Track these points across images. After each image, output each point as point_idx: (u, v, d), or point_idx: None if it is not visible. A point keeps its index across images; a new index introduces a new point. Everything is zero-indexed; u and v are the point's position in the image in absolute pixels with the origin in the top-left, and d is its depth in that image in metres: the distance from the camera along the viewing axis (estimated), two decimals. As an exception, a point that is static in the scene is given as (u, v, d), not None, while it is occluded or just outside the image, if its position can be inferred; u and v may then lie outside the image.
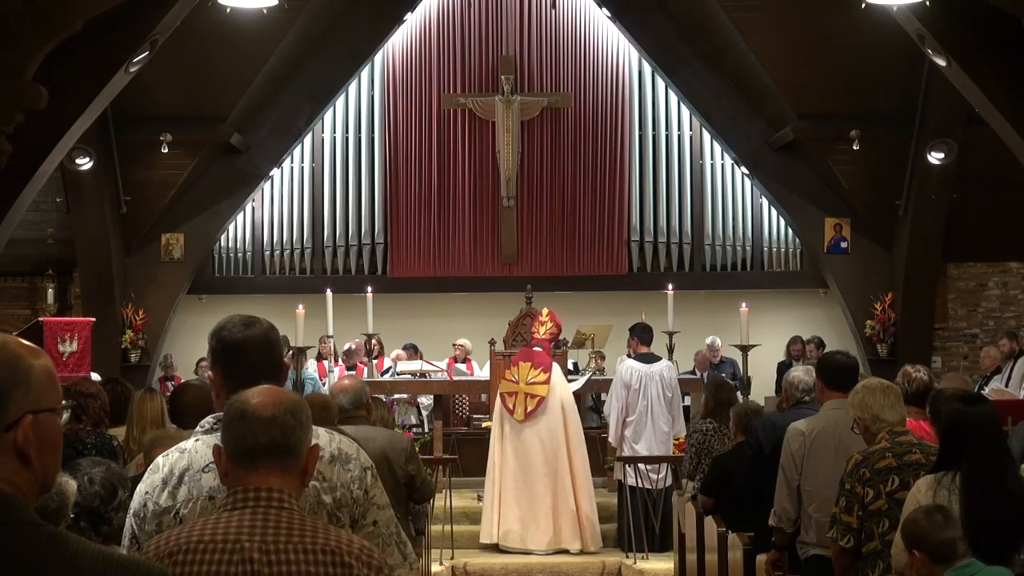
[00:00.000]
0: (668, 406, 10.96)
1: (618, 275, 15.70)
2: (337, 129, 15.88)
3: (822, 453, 5.84)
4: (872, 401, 5.24)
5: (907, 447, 5.14)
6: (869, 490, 5.04)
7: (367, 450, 3.58)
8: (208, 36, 12.92)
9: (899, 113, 14.32)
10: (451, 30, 15.67)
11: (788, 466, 5.93)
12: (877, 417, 5.21)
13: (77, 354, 10.29)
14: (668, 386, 10.98)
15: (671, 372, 11.18)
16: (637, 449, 10.91)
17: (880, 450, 5.13)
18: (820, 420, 5.95)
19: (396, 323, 14.89)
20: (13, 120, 9.36)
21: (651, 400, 10.91)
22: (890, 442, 5.14)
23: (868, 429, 5.23)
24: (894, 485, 5.02)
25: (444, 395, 12.89)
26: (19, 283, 16.06)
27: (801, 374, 6.83)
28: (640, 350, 11.17)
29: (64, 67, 10.31)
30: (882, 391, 5.27)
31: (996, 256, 15.59)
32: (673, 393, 11.03)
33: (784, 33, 13.86)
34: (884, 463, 5.08)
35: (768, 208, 15.73)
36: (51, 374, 2.22)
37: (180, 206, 14.99)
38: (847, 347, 15.45)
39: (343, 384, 6.50)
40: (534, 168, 15.70)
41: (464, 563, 10.43)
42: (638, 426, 10.92)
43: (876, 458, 5.11)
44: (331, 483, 3.11)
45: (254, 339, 3.18)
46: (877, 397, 5.24)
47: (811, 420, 6.02)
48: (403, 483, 6.39)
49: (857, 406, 5.28)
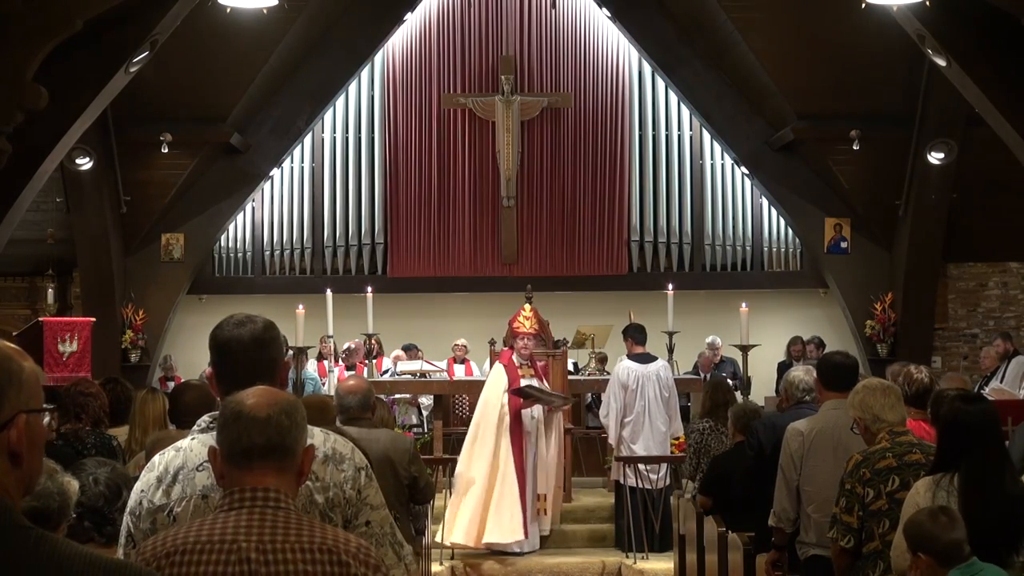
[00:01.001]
0: (665, 406, 10.95)
1: (618, 275, 15.71)
2: (337, 129, 15.89)
3: (821, 453, 5.83)
4: (872, 401, 5.23)
5: (907, 447, 5.13)
6: (869, 490, 5.03)
7: (370, 451, 3.56)
8: (208, 36, 12.92)
9: (899, 113, 14.32)
10: (451, 30, 15.68)
11: (787, 466, 5.93)
12: (877, 417, 5.20)
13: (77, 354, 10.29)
14: (665, 386, 10.97)
15: (668, 372, 11.16)
16: (635, 449, 10.90)
17: (880, 450, 5.12)
18: (819, 420, 5.94)
19: (396, 323, 14.89)
20: (13, 120, 9.37)
21: (648, 400, 10.90)
22: (890, 442, 5.13)
23: (868, 429, 5.22)
24: (894, 485, 5.02)
25: (444, 395, 12.88)
26: (19, 283, 16.06)
27: (801, 374, 6.84)
28: (635, 350, 11.16)
29: (64, 67, 10.31)
30: (882, 391, 5.25)
31: (996, 256, 15.59)
32: (670, 393, 11.02)
33: (784, 33, 13.86)
34: (884, 463, 5.08)
35: (768, 208, 15.74)
36: (38, 375, 2.22)
37: (180, 206, 14.99)
38: (847, 347, 15.44)
39: (350, 385, 6.44)
40: (534, 168, 15.70)
41: (464, 563, 10.43)
42: (636, 426, 10.91)
43: (876, 458, 5.10)
44: (324, 483, 3.11)
45: (241, 338, 3.19)
46: (877, 397, 5.23)
47: (810, 420, 6.01)
48: (406, 484, 6.39)
49: (857, 406, 5.27)
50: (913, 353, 14.86)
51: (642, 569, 10.28)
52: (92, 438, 6.26)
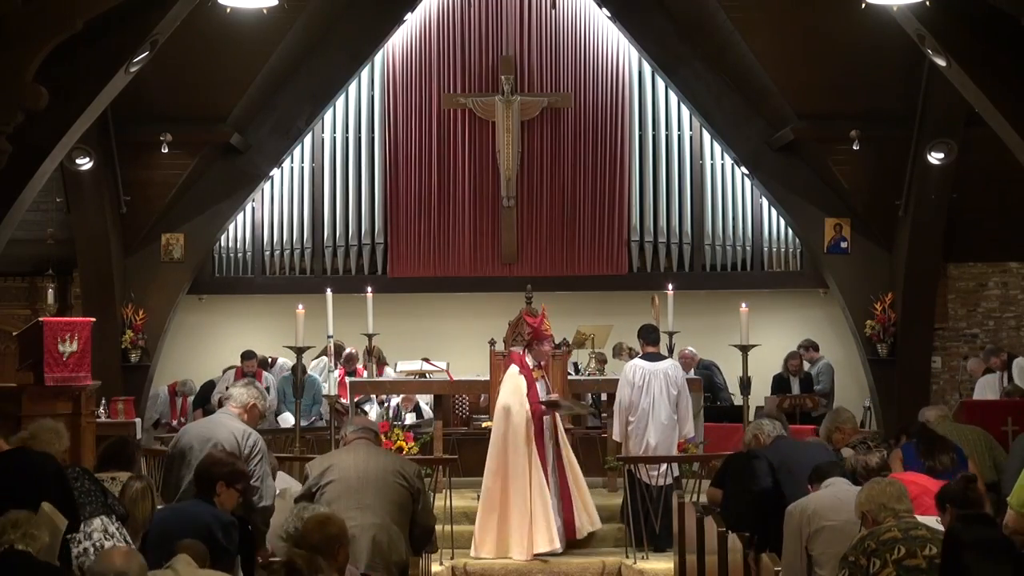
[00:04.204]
0: (672, 403, 10.95)
1: (618, 275, 15.71)
2: (337, 129, 15.89)
3: (825, 516, 6.02)
4: (879, 494, 5.36)
5: (913, 525, 5.20)
6: (875, 560, 5.06)
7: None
8: (208, 36, 12.91)
9: (899, 113, 14.31)
10: (451, 30, 15.67)
11: (791, 541, 6.09)
12: (884, 506, 5.31)
13: (77, 354, 10.26)
14: (673, 383, 10.98)
15: (677, 371, 11.18)
16: (635, 445, 10.90)
17: (886, 527, 5.20)
18: (819, 495, 6.23)
19: (396, 323, 14.88)
20: (13, 120, 9.37)
21: (654, 396, 10.90)
22: (896, 522, 5.21)
23: (875, 521, 5.30)
24: (900, 553, 5.05)
25: (444, 395, 12.86)
26: (19, 283, 16.05)
27: (768, 427, 7.70)
28: (647, 350, 11.22)
29: (64, 67, 10.30)
30: (888, 483, 5.46)
31: (996, 256, 15.60)
32: (679, 391, 11.01)
33: (784, 33, 13.85)
34: (889, 535, 5.14)
35: (768, 208, 15.73)
36: None
37: (180, 206, 14.99)
38: (847, 347, 15.51)
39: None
40: (534, 168, 15.70)
41: (464, 563, 10.42)
42: (640, 423, 10.91)
43: (881, 532, 5.18)
44: None
45: None
46: (884, 489, 5.39)
47: (810, 497, 6.28)
48: (411, 495, 6.83)
49: (864, 502, 5.38)
50: (913, 353, 14.92)
51: (642, 569, 10.28)
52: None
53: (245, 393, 7.38)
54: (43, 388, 9.98)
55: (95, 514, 6.10)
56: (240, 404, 7.34)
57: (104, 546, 5.93)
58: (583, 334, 13.94)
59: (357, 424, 7.46)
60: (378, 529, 6.68)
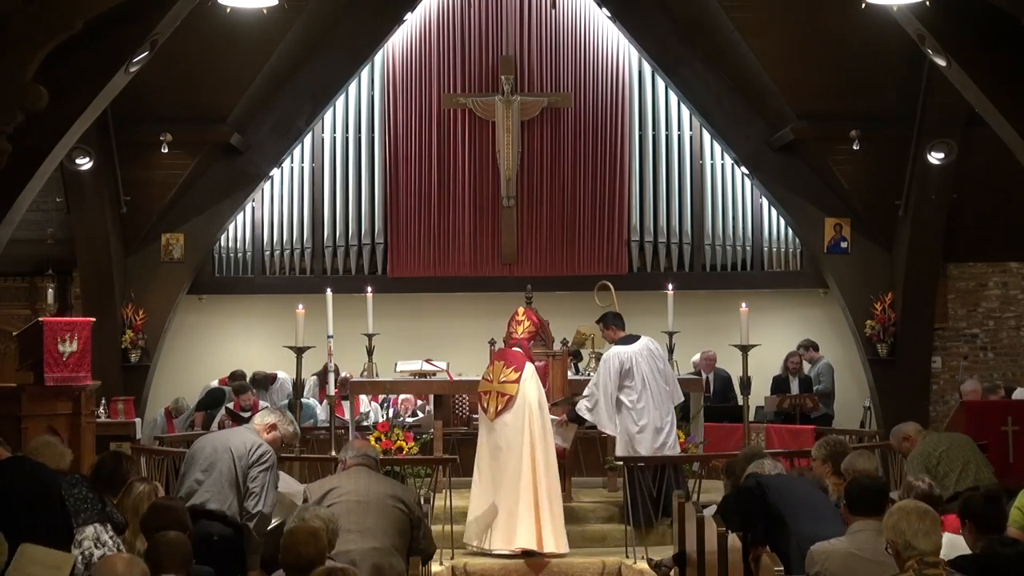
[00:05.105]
0: (662, 376, 10.95)
1: (618, 275, 15.68)
2: (337, 129, 15.89)
3: (842, 561, 5.80)
4: (906, 526, 5.11)
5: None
6: None
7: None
8: (208, 36, 12.92)
9: (899, 113, 14.32)
10: (451, 30, 15.67)
11: None
12: (909, 544, 5.08)
13: (77, 354, 10.24)
14: (658, 357, 11.02)
15: (655, 344, 11.16)
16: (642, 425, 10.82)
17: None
18: (845, 541, 5.91)
19: (396, 323, 14.87)
20: (13, 120, 9.36)
21: (644, 373, 10.88)
22: (917, 573, 5.02)
23: (900, 555, 5.14)
24: None
25: (444, 395, 12.85)
26: (19, 283, 16.06)
27: (769, 466, 7.50)
28: (619, 335, 11.13)
29: (64, 67, 10.30)
30: (918, 516, 5.15)
31: (996, 256, 15.59)
32: (664, 363, 11.10)
33: (784, 33, 13.85)
34: None
35: (768, 208, 15.73)
36: None
37: (180, 206, 14.99)
38: (847, 347, 15.50)
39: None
40: (534, 168, 15.70)
41: (464, 563, 10.41)
42: (638, 404, 10.88)
43: None
44: None
45: None
46: (912, 522, 5.11)
47: (836, 541, 5.95)
48: (411, 521, 6.93)
49: (891, 529, 5.16)
50: (913, 353, 14.92)
51: (642, 569, 10.27)
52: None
53: (270, 416, 7.59)
54: (43, 388, 9.97)
55: (89, 522, 6.11)
56: (262, 423, 7.52)
57: (94, 555, 5.94)
58: (583, 334, 13.93)
59: (357, 449, 7.43)
60: (379, 554, 6.71)
